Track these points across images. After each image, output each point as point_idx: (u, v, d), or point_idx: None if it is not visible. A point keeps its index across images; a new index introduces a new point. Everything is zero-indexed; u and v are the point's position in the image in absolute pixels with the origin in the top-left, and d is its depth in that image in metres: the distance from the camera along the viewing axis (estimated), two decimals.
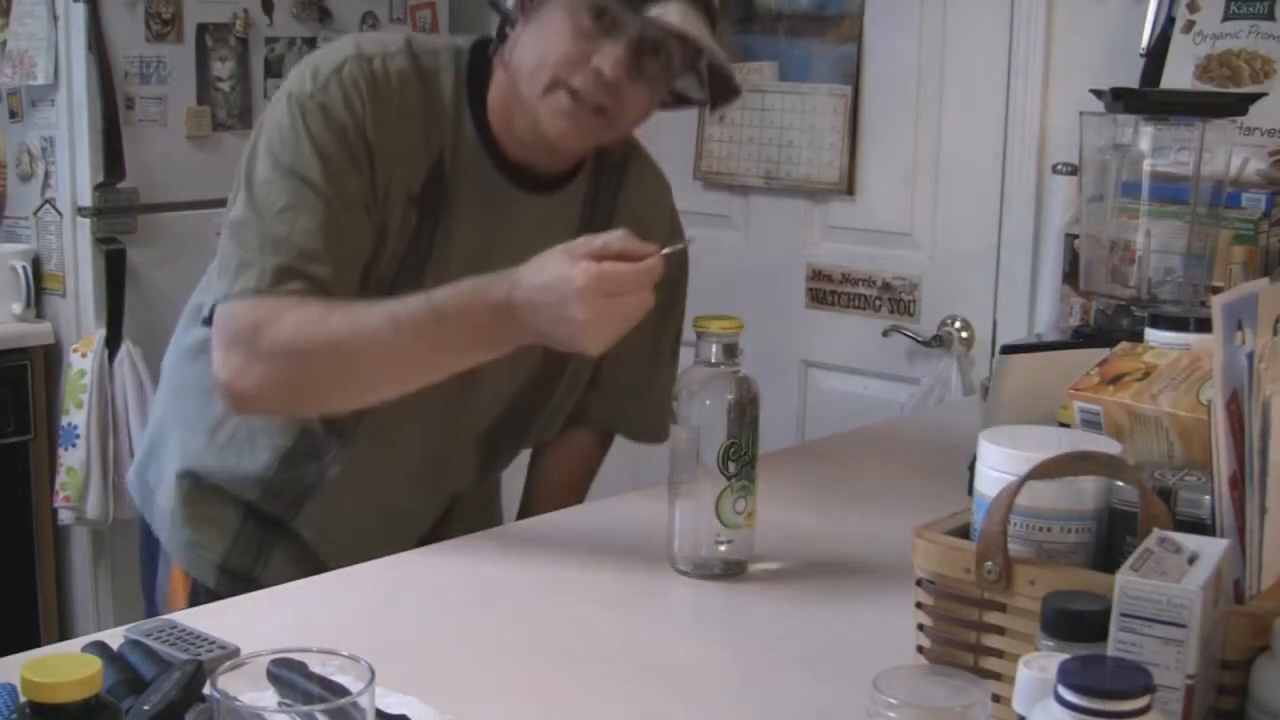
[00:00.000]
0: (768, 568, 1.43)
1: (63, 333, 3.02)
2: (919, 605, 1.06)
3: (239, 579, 1.59)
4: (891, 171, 2.78)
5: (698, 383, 1.39)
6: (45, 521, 3.03)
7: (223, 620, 1.23)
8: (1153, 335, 1.40)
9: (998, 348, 2.25)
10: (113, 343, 2.94)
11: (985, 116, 2.62)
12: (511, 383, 1.61)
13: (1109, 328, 1.87)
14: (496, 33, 1.53)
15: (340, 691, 0.81)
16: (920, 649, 1.07)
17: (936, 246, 2.73)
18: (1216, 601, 0.90)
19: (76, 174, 2.94)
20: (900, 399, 2.74)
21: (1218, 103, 2.02)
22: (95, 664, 0.81)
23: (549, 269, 1.31)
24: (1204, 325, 1.17)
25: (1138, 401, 1.20)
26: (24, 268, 2.98)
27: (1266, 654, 0.91)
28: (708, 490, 1.38)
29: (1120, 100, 1.90)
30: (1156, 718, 0.80)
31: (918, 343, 2.74)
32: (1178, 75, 2.24)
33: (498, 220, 1.54)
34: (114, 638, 1.16)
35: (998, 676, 0.98)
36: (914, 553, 1.06)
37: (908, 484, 1.73)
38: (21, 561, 3.02)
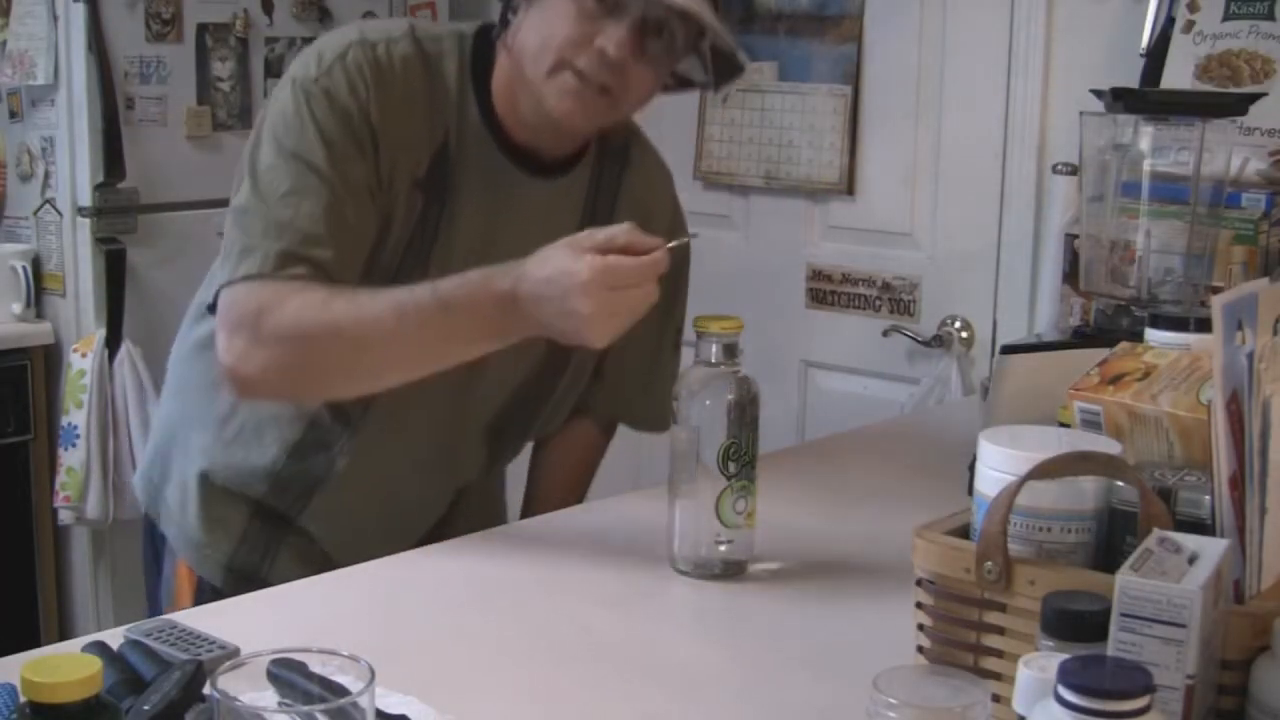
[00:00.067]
0: (768, 568, 1.43)
1: (63, 333, 3.02)
2: (919, 605, 1.06)
3: (246, 578, 1.59)
4: (891, 171, 2.77)
5: (698, 383, 1.39)
6: (45, 521, 3.03)
7: (223, 620, 1.23)
8: (1153, 335, 1.40)
9: (998, 348, 2.25)
10: (113, 343, 2.94)
11: (985, 116, 2.62)
12: (516, 373, 1.62)
13: (1109, 328, 1.87)
14: (500, 17, 1.53)
15: (340, 691, 0.81)
16: (920, 649, 1.07)
17: (936, 246, 2.73)
18: (1216, 601, 0.90)
19: (76, 174, 2.94)
20: (900, 399, 2.73)
21: (1218, 103, 2.02)
22: (95, 664, 0.81)
23: (554, 262, 1.31)
24: (1204, 325, 1.17)
25: (1138, 401, 1.20)
26: (24, 268, 2.98)
27: (1266, 654, 0.91)
28: (708, 490, 1.38)
29: (1120, 100, 1.90)
30: (1156, 718, 0.80)
31: (918, 343, 2.74)
32: (1178, 75, 2.24)
33: (502, 204, 1.54)
34: (114, 638, 1.16)
35: (998, 676, 0.98)
36: (914, 553, 1.06)
37: (908, 484, 1.73)
38: (21, 561, 3.02)
